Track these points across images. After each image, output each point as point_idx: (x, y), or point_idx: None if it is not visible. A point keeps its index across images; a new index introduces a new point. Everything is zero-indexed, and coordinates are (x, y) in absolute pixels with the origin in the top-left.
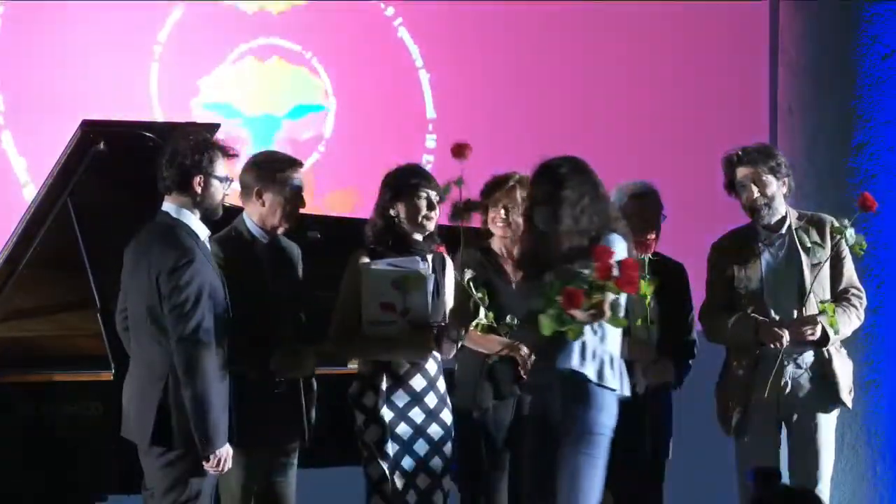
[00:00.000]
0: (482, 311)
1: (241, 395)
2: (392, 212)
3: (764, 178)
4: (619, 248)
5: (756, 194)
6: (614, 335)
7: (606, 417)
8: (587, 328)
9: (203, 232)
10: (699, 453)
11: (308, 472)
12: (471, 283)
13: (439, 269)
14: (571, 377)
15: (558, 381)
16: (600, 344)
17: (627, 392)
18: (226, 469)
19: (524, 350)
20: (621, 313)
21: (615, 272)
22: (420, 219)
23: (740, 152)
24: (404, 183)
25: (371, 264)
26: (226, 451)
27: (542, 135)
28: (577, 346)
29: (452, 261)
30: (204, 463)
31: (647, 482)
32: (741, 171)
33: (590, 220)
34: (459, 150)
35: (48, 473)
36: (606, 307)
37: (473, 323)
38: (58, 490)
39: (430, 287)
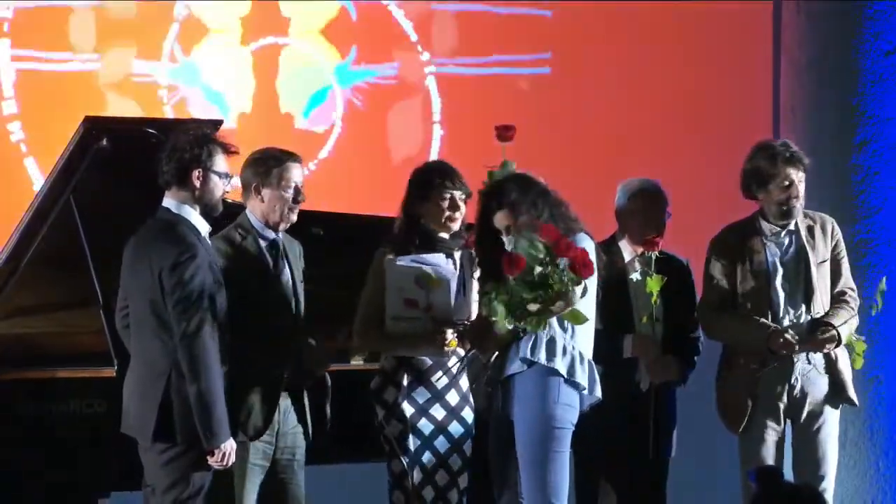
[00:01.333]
0: None
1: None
2: (417, 211)
3: (803, 180)
4: (588, 246)
5: (797, 194)
6: (584, 334)
7: (570, 413)
8: (556, 326)
9: (204, 227)
10: (703, 451)
11: (328, 469)
12: None
13: (467, 266)
14: (539, 370)
15: (524, 374)
16: (570, 340)
17: (598, 394)
18: (229, 463)
19: None
20: (580, 306)
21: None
22: (443, 219)
23: (794, 150)
24: (429, 183)
25: (395, 260)
26: (230, 446)
27: (542, 141)
28: (544, 340)
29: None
30: (208, 458)
31: (651, 480)
32: (789, 170)
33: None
34: (504, 133)
35: (50, 470)
36: (564, 298)
37: None
38: (60, 487)
39: (454, 285)
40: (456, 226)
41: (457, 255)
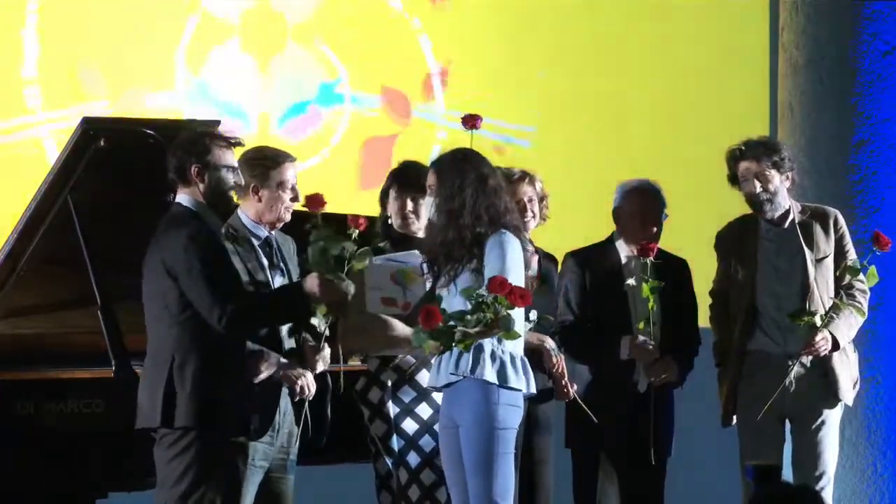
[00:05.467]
0: None
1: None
2: (386, 211)
3: (766, 172)
4: (512, 246)
5: (758, 189)
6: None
7: (513, 413)
8: None
9: (213, 220)
10: (703, 451)
11: (318, 469)
12: None
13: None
14: (472, 381)
15: (460, 385)
16: (498, 345)
17: (534, 389)
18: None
19: (550, 343)
20: (517, 327)
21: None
22: (401, 219)
23: (743, 146)
24: (390, 183)
25: (372, 260)
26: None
27: (541, 136)
28: (472, 350)
29: None
30: None
31: (649, 480)
32: (743, 165)
33: (474, 216)
34: (470, 122)
35: (48, 471)
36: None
37: None
38: (58, 488)
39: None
40: (413, 227)
41: None
